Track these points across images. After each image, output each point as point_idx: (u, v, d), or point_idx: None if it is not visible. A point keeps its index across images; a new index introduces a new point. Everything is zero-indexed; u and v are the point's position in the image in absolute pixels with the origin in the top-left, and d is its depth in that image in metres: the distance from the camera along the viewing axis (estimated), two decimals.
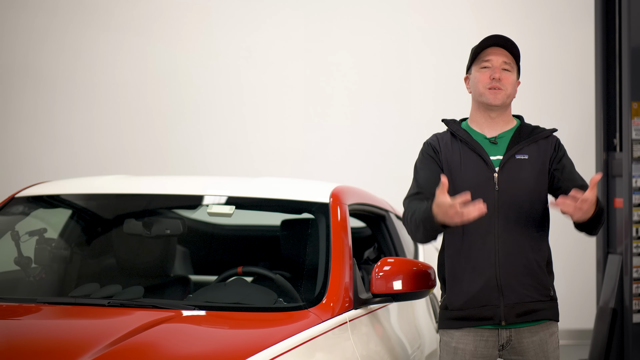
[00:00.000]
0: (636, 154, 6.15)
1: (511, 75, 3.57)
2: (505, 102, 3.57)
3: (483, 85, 3.55)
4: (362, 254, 4.94)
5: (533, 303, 3.52)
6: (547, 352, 3.56)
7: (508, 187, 3.51)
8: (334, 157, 8.22)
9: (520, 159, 3.55)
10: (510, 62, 3.57)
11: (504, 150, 3.56)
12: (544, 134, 3.60)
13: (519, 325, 3.53)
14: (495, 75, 3.54)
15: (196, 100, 8.23)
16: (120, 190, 4.39)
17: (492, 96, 3.55)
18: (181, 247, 5.20)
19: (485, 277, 3.49)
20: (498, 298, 3.50)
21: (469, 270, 3.52)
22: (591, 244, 6.86)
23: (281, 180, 4.75)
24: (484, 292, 3.50)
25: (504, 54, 3.56)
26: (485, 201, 3.43)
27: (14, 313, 3.62)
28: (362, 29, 8.27)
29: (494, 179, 3.52)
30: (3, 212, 4.27)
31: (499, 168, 3.52)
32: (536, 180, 3.54)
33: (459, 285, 3.54)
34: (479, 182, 3.52)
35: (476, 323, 3.52)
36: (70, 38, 8.18)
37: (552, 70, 8.24)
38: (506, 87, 3.55)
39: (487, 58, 3.56)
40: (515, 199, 3.50)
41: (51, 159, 8.11)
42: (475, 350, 3.54)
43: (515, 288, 3.50)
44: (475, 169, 3.53)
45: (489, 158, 3.54)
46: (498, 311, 3.50)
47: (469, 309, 3.52)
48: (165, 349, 3.16)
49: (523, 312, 3.51)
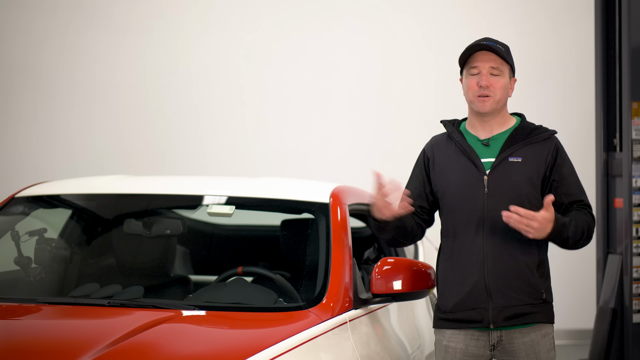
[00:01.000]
0: (636, 154, 6.15)
1: (500, 79, 3.54)
2: (496, 108, 3.56)
3: (472, 93, 3.55)
4: (362, 254, 4.94)
5: (523, 306, 3.50)
6: (539, 354, 3.54)
7: (497, 189, 3.50)
8: (334, 157, 8.21)
9: (513, 161, 3.53)
10: (499, 66, 3.54)
11: (496, 152, 3.55)
12: (542, 137, 3.57)
13: (509, 327, 3.52)
14: (482, 82, 3.52)
15: (196, 100, 8.22)
16: (120, 190, 4.39)
17: (481, 104, 3.54)
18: (181, 247, 5.20)
19: (474, 280, 3.50)
20: (487, 301, 3.50)
21: (459, 272, 3.53)
22: (591, 244, 6.84)
23: (281, 180, 4.75)
24: (472, 295, 3.51)
25: (492, 58, 3.54)
26: (474, 204, 3.49)
27: (14, 313, 3.61)
28: (362, 29, 8.27)
29: (484, 181, 3.52)
30: (3, 212, 4.27)
31: (490, 171, 3.52)
32: (528, 183, 3.52)
33: (450, 288, 3.56)
34: (468, 185, 3.53)
35: (466, 325, 3.54)
36: (70, 38, 8.18)
37: (552, 70, 8.23)
38: (495, 92, 3.53)
39: (475, 64, 3.55)
40: (504, 202, 3.47)
41: (51, 159, 8.11)
42: (466, 349, 3.55)
43: (503, 291, 3.49)
44: (465, 172, 3.54)
45: (479, 161, 3.54)
46: (487, 314, 3.50)
47: (459, 312, 3.54)
48: (165, 349, 3.16)
49: (512, 315, 3.50)
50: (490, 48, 3.53)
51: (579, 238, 3.53)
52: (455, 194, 3.55)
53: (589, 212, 3.60)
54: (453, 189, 3.55)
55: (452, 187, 3.56)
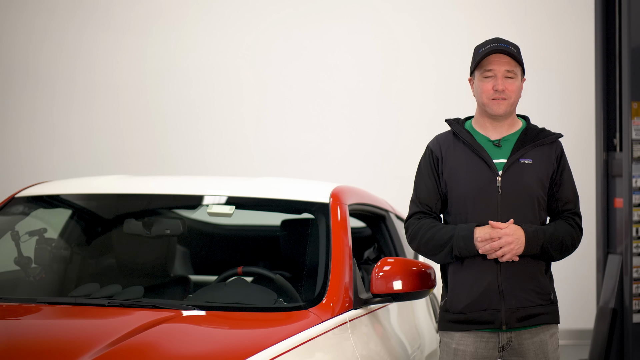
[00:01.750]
0: (636, 154, 6.15)
1: (515, 82, 3.53)
2: (510, 110, 3.56)
3: (487, 96, 3.53)
4: (362, 254, 4.94)
5: (534, 307, 3.52)
6: (547, 353, 3.55)
7: (511, 190, 3.50)
8: (334, 157, 8.21)
9: (524, 163, 3.53)
10: (514, 69, 3.53)
11: (508, 153, 3.55)
12: (549, 139, 3.58)
13: (519, 328, 3.53)
14: (498, 87, 3.51)
15: (196, 100, 8.22)
16: (120, 190, 4.39)
17: (496, 107, 3.53)
18: (181, 247, 5.20)
19: (487, 281, 3.50)
20: (499, 302, 3.50)
21: (471, 273, 3.52)
22: (591, 244, 6.86)
23: (281, 180, 4.75)
24: (485, 296, 3.50)
25: (507, 61, 3.52)
26: (488, 205, 3.48)
27: (14, 313, 3.61)
28: (362, 29, 8.27)
29: (497, 182, 3.51)
30: (3, 212, 4.27)
31: (503, 171, 3.51)
32: (538, 185, 3.53)
33: (461, 288, 3.54)
34: (481, 186, 3.52)
35: (477, 327, 3.52)
36: (70, 38, 8.18)
37: (552, 70, 8.23)
38: (510, 95, 3.52)
39: (490, 67, 3.53)
40: (518, 203, 3.49)
41: (51, 159, 8.11)
42: (475, 352, 3.54)
43: (516, 293, 3.49)
44: (478, 172, 3.53)
45: (492, 161, 3.53)
46: (499, 315, 3.49)
47: (470, 312, 3.52)
48: (165, 349, 3.16)
49: (524, 316, 3.51)
50: (505, 51, 3.51)
51: (559, 246, 3.51)
52: (466, 194, 3.53)
53: (576, 222, 3.58)
54: (462, 189, 3.53)
55: (462, 187, 3.54)
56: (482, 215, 3.50)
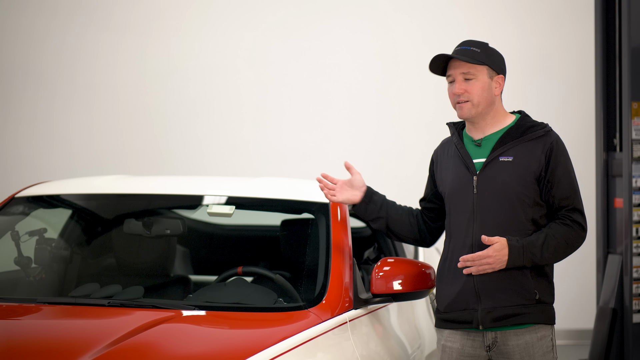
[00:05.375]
0: (636, 154, 6.15)
1: (475, 82, 3.52)
2: (477, 111, 3.54)
3: (452, 101, 3.59)
4: (362, 254, 4.94)
5: (513, 307, 3.47)
6: (534, 356, 3.50)
7: (486, 190, 3.50)
8: (334, 157, 8.21)
9: (504, 161, 3.50)
10: (470, 70, 3.53)
11: (487, 152, 3.55)
12: (536, 134, 3.52)
13: (504, 328, 3.50)
14: (456, 90, 3.54)
15: (195, 100, 8.23)
16: (120, 190, 4.39)
17: (460, 110, 3.57)
18: (181, 247, 5.20)
19: (463, 281, 3.51)
20: (476, 302, 3.50)
21: (451, 273, 3.55)
22: (591, 244, 6.86)
23: (281, 180, 4.75)
24: (462, 296, 3.52)
25: (461, 64, 3.54)
26: (465, 205, 3.53)
27: (14, 313, 3.61)
28: (362, 29, 8.27)
29: (473, 181, 3.52)
30: (3, 212, 4.27)
31: (479, 171, 3.52)
32: (519, 182, 3.48)
33: (443, 288, 3.59)
34: (459, 186, 3.55)
35: (458, 326, 3.55)
36: (70, 38, 8.18)
37: (552, 70, 8.23)
38: (472, 97, 3.52)
39: (449, 73, 3.58)
40: (494, 202, 3.48)
41: (50, 159, 8.11)
42: (462, 349, 3.55)
43: (492, 293, 3.47)
44: (458, 173, 3.57)
45: (471, 161, 3.54)
46: (476, 315, 3.49)
47: (452, 312, 3.56)
48: (165, 349, 3.16)
49: (501, 316, 3.47)
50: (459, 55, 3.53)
51: (553, 253, 3.47)
52: (450, 195, 3.59)
53: (573, 219, 3.50)
54: (448, 191, 3.60)
55: (448, 189, 3.61)
56: (461, 214, 3.52)
